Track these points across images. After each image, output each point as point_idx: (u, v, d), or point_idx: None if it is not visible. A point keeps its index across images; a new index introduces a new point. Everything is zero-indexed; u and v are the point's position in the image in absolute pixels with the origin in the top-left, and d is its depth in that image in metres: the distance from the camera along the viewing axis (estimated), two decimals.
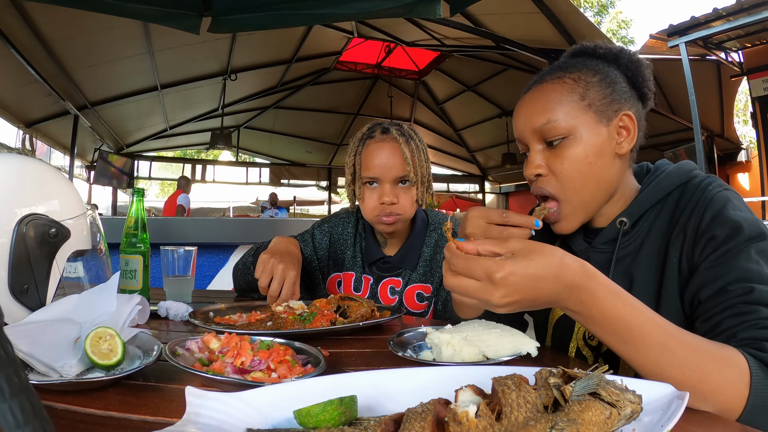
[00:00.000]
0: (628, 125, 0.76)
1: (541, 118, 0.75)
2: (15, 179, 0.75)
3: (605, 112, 0.75)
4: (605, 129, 0.75)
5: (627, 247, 0.77)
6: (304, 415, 0.43)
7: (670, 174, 0.77)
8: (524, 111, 0.79)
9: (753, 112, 6.61)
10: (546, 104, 0.75)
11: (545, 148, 0.76)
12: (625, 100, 0.76)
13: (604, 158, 0.74)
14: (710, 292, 0.64)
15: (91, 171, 7.87)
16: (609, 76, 0.77)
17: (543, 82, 0.78)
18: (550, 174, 0.76)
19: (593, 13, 17.33)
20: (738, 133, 7.90)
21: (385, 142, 1.17)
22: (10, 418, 0.23)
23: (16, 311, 0.72)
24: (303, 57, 7.06)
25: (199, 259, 1.26)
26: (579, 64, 0.78)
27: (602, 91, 0.75)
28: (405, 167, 1.16)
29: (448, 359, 0.68)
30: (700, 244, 0.68)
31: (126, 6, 2.03)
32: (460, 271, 0.56)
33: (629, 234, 0.77)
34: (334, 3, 2.11)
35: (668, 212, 0.75)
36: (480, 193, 11.63)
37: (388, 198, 1.15)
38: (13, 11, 3.81)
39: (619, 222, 0.77)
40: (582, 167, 0.74)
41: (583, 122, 0.74)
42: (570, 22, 4.24)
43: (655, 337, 0.56)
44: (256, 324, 0.88)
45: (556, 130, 0.74)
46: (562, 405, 0.41)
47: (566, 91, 0.75)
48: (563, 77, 0.77)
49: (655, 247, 0.75)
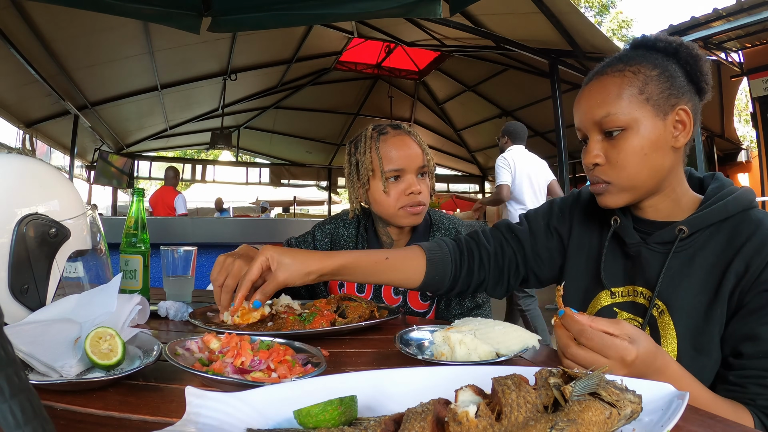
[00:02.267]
0: (684, 120, 0.78)
1: (601, 111, 0.78)
2: (15, 179, 0.75)
3: (662, 106, 0.76)
4: (662, 122, 0.77)
5: (679, 253, 0.79)
6: (304, 415, 0.43)
7: (739, 198, 0.78)
8: (584, 102, 0.81)
9: (753, 112, 6.61)
10: (606, 97, 0.78)
11: (604, 138, 0.79)
12: (683, 95, 0.78)
13: (659, 151, 0.77)
14: (748, 351, 0.69)
15: (91, 171, 7.86)
16: (668, 70, 0.78)
17: (603, 74, 0.80)
18: (607, 163, 0.79)
19: (594, 13, 17.32)
20: (738, 133, 7.90)
21: (403, 136, 1.22)
22: (10, 418, 0.23)
23: (16, 311, 0.72)
24: (303, 57, 7.06)
25: (199, 259, 1.26)
26: (639, 57, 0.80)
27: (660, 85, 0.77)
28: (424, 157, 1.21)
29: (463, 358, 0.68)
30: (757, 288, 0.71)
31: (126, 6, 2.04)
32: (593, 348, 0.59)
33: (684, 241, 0.79)
34: (334, 3, 2.11)
35: (726, 233, 0.77)
36: (480, 193, 11.62)
37: (416, 187, 1.18)
38: (13, 11, 3.81)
39: (678, 230, 0.78)
40: (637, 158, 0.76)
41: (641, 115, 0.76)
42: (570, 22, 4.23)
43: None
44: (256, 324, 0.89)
45: (614, 122, 0.77)
46: (562, 405, 0.41)
47: (626, 84, 0.77)
48: (623, 70, 0.78)
49: (707, 263, 0.77)
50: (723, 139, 7.36)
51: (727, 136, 7.32)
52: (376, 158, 1.20)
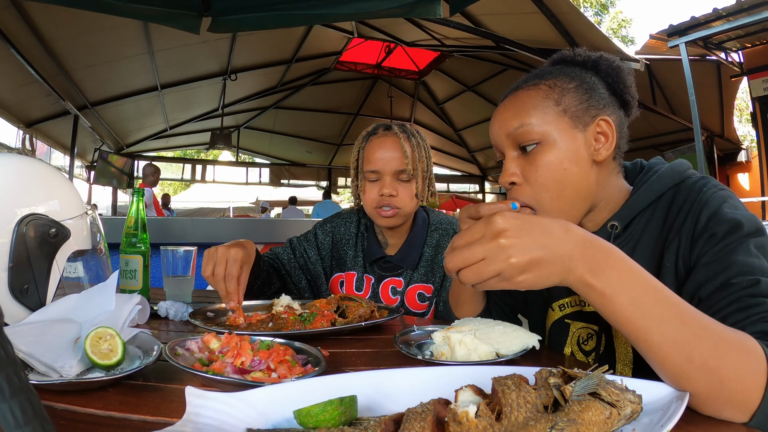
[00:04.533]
0: (606, 131, 0.74)
1: (514, 122, 0.74)
2: (15, 179, 0.75)
3: (581, 117, 0.73)
4: (581, 135, 0.73)
5: None
6: (304, 415, 0.43)
7: (662, 175, 0.75)
8: (498, 117, 0.78)
9: (753, 112, 6.61)
10: (520, 109, 0.75)
11: (520, 155, 0.75)
12: (604, 107, 0.75)
13: (580, 165, 0.72)
14: (712, 288, 0.62)
15: (91, 171, 7.86)
16: (586, 82, 0.75)
17: (519, 89, 0.78)
18: (525, 183, 0.74)
19: (593, 12, 17.33)
20: (738, 133, 7.90)
21: (387, 138, 1.21)
22: (10, 418, 0.23)
23: (16, 311, 0.73)
24: (303, 57, 7.06)
25: (199, 259, 1.26)
26: (556, 72, 0.77)
27: (578, 97, 0.74)
28: (404, 160, 1.19)
29: (463, 358, 0.68)
30: (699, 244, 0.67)
31: (126, 6, 2.03)
32: (459, 244, 0.54)
33: (621, 238, 0.76)
34: (334, 3, 2.11)
35: (661, 214, 0.74)
36: (480, 193, 11.62)
37: (387, 190, 1.18)
38: (13, 11, 3.81)
39: (610, 226, 0.76)
40: (557, 174, 0.71)
41: (558, 128, 0.72)
42: (570, 22, 4.23)
43: (673, 308, 0.52)
44: (256, 324, 0.89)
45: (529, 134, 0.73)
46: (562, 405, 0.41)
47: (540, 96, 0.74)
48: (538, 84, 0.76)
49: (648, 250, 0.73)
50: (723, 139, 7.36)
51: (727, 136, 7.32)
52: (360, 158, 1.24)
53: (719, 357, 0.49)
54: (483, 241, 0.52)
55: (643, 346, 0.52)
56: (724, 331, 0.52)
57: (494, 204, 0.68)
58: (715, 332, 0.51)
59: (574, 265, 0.53)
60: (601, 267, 0.53)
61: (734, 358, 0.50)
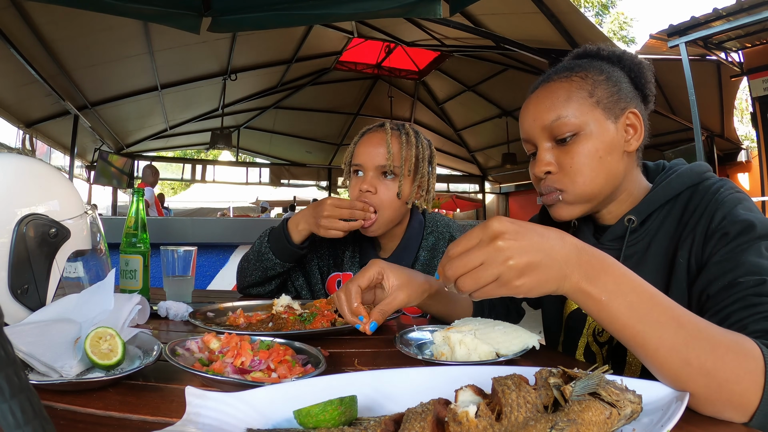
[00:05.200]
0: (635, 123, 0.77)
1: (551, 115, 0.76)
2: (15, 179, 0.75)
3: (613, 109, 0.75)
4: (613, 126, 0.75)
5: (634, 246, 0.78)
6: (304, 415, 0.43)
7: (682, 174, 0.77)
8: (532, 109, 0.79)
9: (753, 112, 6.60)
10: (555, 101, 0.76)
11: (554, 146, 0.77)
12: (630, 100, 0.77)
13: (614, 154, 0.75)
14: (720, 286, 0.63)
15: (91, 171, 7.86)
16: (614, 75, 0.78)
17: (550, 81, 0.79)
18: (560, 171, 0.76)
19: (594, 13, 17.33)
20: (738, 133, 7.90)
21: (376, 134, 1.20)
22: (10, 418, 0.23)
23: (16, 311, 0.72)
24: (303, 57, 7.06)
25: (199, 259, 1.26)
26: (585, 64, 0.79)
27: (609, 89, 0.76)
28: (387, 157, 1.15)
29: (463, 358, 0.68)
30: (711, 243, 0.68)
31: (126, 6, 2.04)
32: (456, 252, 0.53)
33: (637, 232, 0.77)
34: (334, 3, 2.11)
35: (677, 213, 0.75)
36: (480, 193, 11.62)
37: (365, 186, 1.15)
38: (13, 11, 3.81)
39: (627, 219, 0.77)
40: (593, 162, 0.74)
41: (593, 118, 0.75)
42: (570, 22, 4.24)
43: (669, 312, 0.52)
44: (256, 324, 0.89)
45: (566, 126, 0.75)
46: (562, 405, 0.41)
47: (574, 88, 0.76)
48: (570, 76, 0.77)
49: (662, 247, 0.75)
50: (723, 139, 7.35)
51: (727, 136, 7.32)
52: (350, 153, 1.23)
53: (716, 359, 0.50)
54: (481, 245, 0.52)
55: (641, 350, 0.53)
56: (720, 333, 0.52)
57: None
58: (711, 335, 0.52)
59: (571, 272, 0.53)
60: (596, 273, 0.53)
61: (731, 359, 0.50)
